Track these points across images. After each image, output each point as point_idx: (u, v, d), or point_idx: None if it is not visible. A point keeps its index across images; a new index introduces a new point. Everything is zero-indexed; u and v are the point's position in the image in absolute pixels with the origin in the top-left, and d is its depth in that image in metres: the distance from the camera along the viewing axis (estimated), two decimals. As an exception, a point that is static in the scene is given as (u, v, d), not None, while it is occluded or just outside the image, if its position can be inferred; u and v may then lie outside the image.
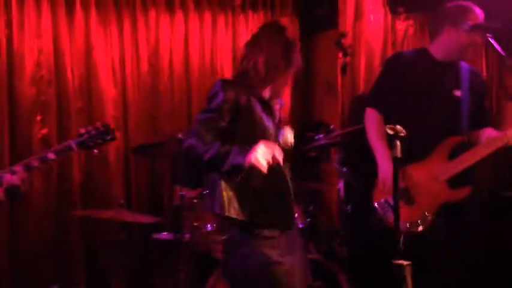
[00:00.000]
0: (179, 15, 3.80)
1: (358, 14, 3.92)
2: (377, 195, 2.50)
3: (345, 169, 3.17)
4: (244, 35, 3.95)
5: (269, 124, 1.97)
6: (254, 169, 1.75)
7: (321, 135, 3.28)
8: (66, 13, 3.56)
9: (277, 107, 2.07)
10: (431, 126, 2.56)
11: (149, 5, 3.74)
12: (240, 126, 1.91)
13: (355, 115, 2.87)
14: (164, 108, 3.78)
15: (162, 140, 3.22)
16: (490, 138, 2.50)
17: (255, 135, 1.91)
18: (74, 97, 3.59)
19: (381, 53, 3.99)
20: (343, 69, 3.85)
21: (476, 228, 2.92)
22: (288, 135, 1.86)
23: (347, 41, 3.93)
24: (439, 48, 2.61)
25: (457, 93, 2.58)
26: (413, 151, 2.47)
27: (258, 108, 1.95)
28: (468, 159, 2.47)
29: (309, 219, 3.13)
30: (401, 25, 4.09)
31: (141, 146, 3.17)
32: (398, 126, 1.70)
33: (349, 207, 3.16)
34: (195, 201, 2.94)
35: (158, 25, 3.77)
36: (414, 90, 2.60)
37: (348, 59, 3.97)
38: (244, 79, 1.98)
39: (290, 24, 2.14)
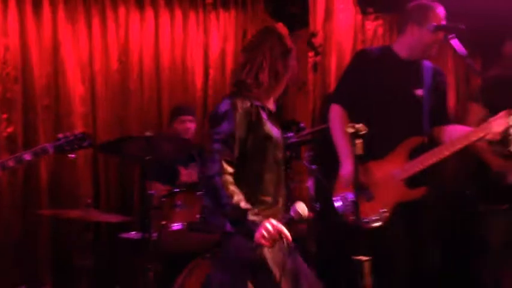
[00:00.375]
0: (149, 12, 3.76)
1: (328, 13, 3.95)
2: (337, 191, 2.53)
3: (314, 167, 3.19)
4: (216, 33, 3.95)
5: (277, 135, 1.96)
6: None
7: (291, 134, 3.29)
8: (33, 10, 3.50)
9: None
10: (393, 124, 2.60)
11: (119, 1, 3.70)
12: (251, 143, 1.89)
13: (326, 113, 2.89)
14: (133, 106, 3.74)
15: (129, 136, 3.14)
16: (454, 137, 2.54)
17: (266, 150, 1.90)
18: (41, 94, 3.53)
19: (351, 52, 4.02)
20: (314, 68, 3.88)
21: (435, 225, 2.98)
22: (300, 209, 1.78)
23: (318, 41, 3.99)
24: (403, 46, 2.65)
25: (419, 91, 2.62)
26: (376, 148, 2.50)
27: (266, 121, 1.92)
28: (427, 160, 2.51)
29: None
30: (370, 25, 4.14)
31: (107, 143, 3.07)
32: (358, 125, 1.71)
33: (317, 205, 3.19)
34: (163, 199, 2.92)
35: (128, 22, 3.73)
36: (378, 88, 2.63)
37: (319, 58, 4.01)
38: (247, 90, 1.92)
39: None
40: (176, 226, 2.82)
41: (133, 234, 3.15)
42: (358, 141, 1.69)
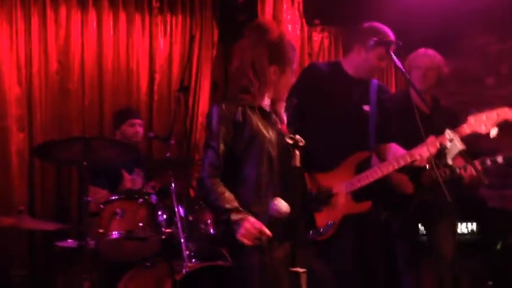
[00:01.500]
0: (92, 14, 3.65)
1: (276, 23, 3.99)
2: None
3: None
4: (163, 38, 3.89)
5: (270, 134, 1.93)
6: None
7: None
8: (-33, 7, 3.33)
9: (281, 110, 2.02)
10: (340, 138, 2.64)
11: (60, 1, 3.57)
12: (239, 143, 1.91)
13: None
14: (74, 109, 3.61)
15: (65, 139, 2.99)
16: (395, 156, 2.60)
17: (256, 148, 1.90)
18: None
19: (298, 62, 4.08)
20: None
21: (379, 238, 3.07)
22: (280, 206, 1.79)
23: (265, 50, 4.02)
24: (351, 64, 2.71)
25: (366, 107, 2.68)
26: (324, 160, 2.60)
27: (256, 121, 1.92)
28: (373, 175, 2.58)
29: (221, 227, 3.11)
30: (317, 36, 4.24)
31: (43, 145, 2.89)
32: (297, 136, 1.72)
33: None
34: (102, 206, 2.82)
35: (69, 23, 3.60)
36: (326, 101, 2.66)
37: (266, 67, 4.05)
38: (242, 92, 1.93)
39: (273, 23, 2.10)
40: (115, 234, 2.72)
41: (70, 242, 3.02)
42: (297, 153, 1.69)
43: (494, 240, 3.44)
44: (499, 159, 2.78)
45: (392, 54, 2.46)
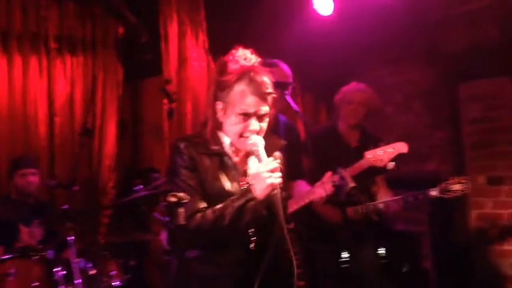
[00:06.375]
0: (-18, 58, 3.45)
1: (181, 61, 3.97)
2: None
3: (168, 219, 3.10)
4: (62, 79, 3.73)
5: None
6: None
7: (141, 186, 3.17)
8: None
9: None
10: None
11: None
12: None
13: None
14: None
15: None
16: (300, 193, 2.58)
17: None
18: None
19: (206, 98, 4.08)
20: (169, 115, 3.85)
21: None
22: None
23: (172, 88, 3.97)
24: None
25: None
26: None
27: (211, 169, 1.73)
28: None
29: (129, 276, 2.98)
30: (225, 73, 4.26)
31: None
32: (181, 194, 1.65)
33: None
34: None
35: (-43, 67, 3.37)
36: None
37: (174, 104, 4.01)
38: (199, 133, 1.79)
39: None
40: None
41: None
42: (181, 211, 1.63)
43: (401, 264, 3.55)
44: (433, 192, 2.59)
45: (287, 97, 2.50)
